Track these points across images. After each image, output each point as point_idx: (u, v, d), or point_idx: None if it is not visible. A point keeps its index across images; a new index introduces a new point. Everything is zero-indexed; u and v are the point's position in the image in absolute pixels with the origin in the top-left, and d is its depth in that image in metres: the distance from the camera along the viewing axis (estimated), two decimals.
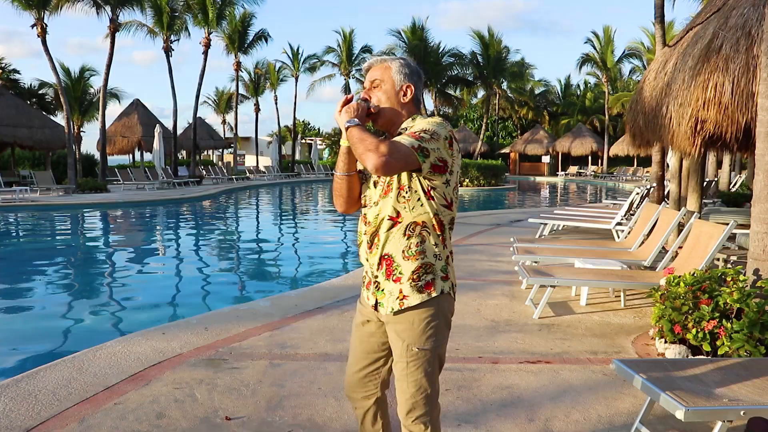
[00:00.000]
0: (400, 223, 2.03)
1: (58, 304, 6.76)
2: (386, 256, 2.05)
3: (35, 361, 4.24)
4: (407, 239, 2.02)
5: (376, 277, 2.10)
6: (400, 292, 2.02)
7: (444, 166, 2.00)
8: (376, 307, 2.11)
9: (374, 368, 2.22)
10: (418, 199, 2.02)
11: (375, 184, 2.11)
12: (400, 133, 2.08)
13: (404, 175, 2.02)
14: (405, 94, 2.12)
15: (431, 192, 2.01)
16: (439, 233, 2.04)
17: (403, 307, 2.02)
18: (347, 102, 2.08)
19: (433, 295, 2.01)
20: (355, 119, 1.99)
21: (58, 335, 5.56)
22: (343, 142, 2.06)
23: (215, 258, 10.05)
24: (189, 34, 29.81)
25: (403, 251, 2.02)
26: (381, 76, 2.13)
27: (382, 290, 2.07)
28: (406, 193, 2.02)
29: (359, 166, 2.16)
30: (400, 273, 2.03)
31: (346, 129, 1.98)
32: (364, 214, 2.16)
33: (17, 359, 4.83)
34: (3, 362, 4.75)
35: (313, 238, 12.64)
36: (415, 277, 2.01)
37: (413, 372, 2.03)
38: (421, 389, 2.04)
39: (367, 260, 2.12)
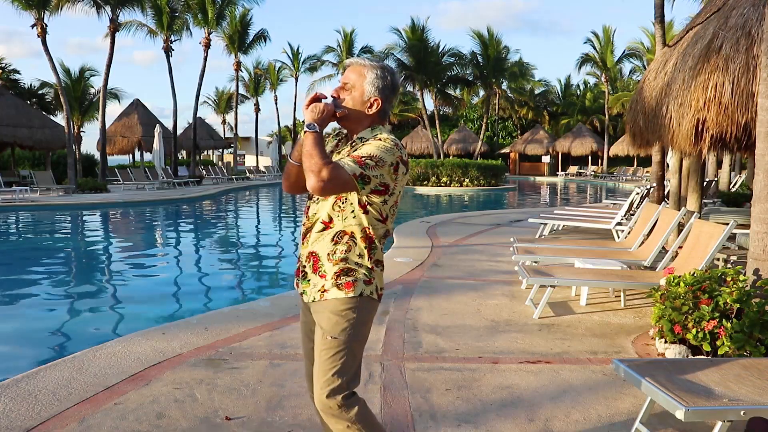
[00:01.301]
0: (330, 228, 2.13)
1: (58, 304, 6.77)
2: (313, 254, 2.16)
3: (35, 361, 4.23)
4: (334, 245, 2.12)
5: (305, 267, 2.19)
6: (322, 286, 2.12)
7: (385, 190, 2.09)
8: (302, 295, 2.21)
9: None
10: (352, 211, 2.11)
11: None
12: (361, 139, 2.14)
13: None
14: (371, 106, 2.17)
15: (367, 207, 2.10)
16: (365, 245, 2.12)
17: (322, 299, 2.12)
18: (315, 99, 2.12)
19: (350, 294, 2.09)
20: (314, 124, 2.05)
21: (58, 335, 5.56)
22: (302, 135, 2.10)
23: (215, 258, 10.05)
24: (191, 33, 29.88)
25: (328, 254, 2.13)
26: (354, 82, 2.17)
27: (308, 281, 2.17)
28: (342, 203, 2.11)
29: None
30: (324, 272, 2.13)
31: (305, 131, 2.05)
32: (308, 206, 2.24)
33: (17, 359, 4.83)
34: (3, 362, 4.75)
35: None
36: (335, 277, 2.11)
37: (327, 360, 2.08)
38: (332, 377, 2.06)
39: (301, 250, 2.23)
